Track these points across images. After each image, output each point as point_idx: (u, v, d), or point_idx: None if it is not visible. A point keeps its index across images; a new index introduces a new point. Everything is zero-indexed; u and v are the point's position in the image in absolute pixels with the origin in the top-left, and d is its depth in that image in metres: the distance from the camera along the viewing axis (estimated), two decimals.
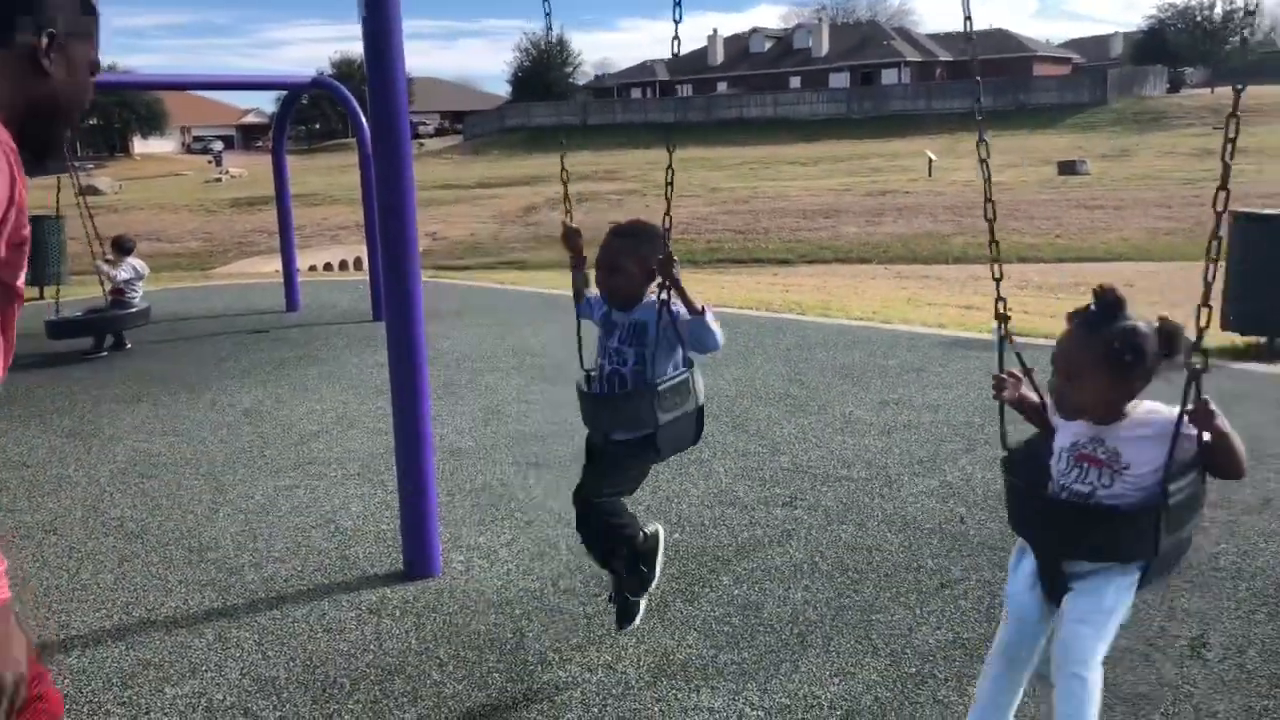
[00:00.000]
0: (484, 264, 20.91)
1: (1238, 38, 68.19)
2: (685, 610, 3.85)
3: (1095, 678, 2.35)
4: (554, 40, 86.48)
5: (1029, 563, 2.58)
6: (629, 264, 3.23)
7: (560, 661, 3.50)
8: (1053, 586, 2.50)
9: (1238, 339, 8.11)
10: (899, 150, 43.66)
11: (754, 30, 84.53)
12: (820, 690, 3.27)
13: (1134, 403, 2.45)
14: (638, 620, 3.46)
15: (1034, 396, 2.73)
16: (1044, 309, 11.28)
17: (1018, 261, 18.98)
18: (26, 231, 1.60)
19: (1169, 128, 46.81)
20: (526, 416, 6.61)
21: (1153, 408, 2.44)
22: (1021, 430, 2.77)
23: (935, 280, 16.15)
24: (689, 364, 3.31)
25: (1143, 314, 2.45)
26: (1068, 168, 32.28)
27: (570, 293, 3.64)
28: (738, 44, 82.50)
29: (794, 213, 25.96)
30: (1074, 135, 46.96)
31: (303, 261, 14.03)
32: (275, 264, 11.48)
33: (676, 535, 4.58)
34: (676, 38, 3.19)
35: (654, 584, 3.44)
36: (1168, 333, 2.42)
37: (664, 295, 3.15)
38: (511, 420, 6.54)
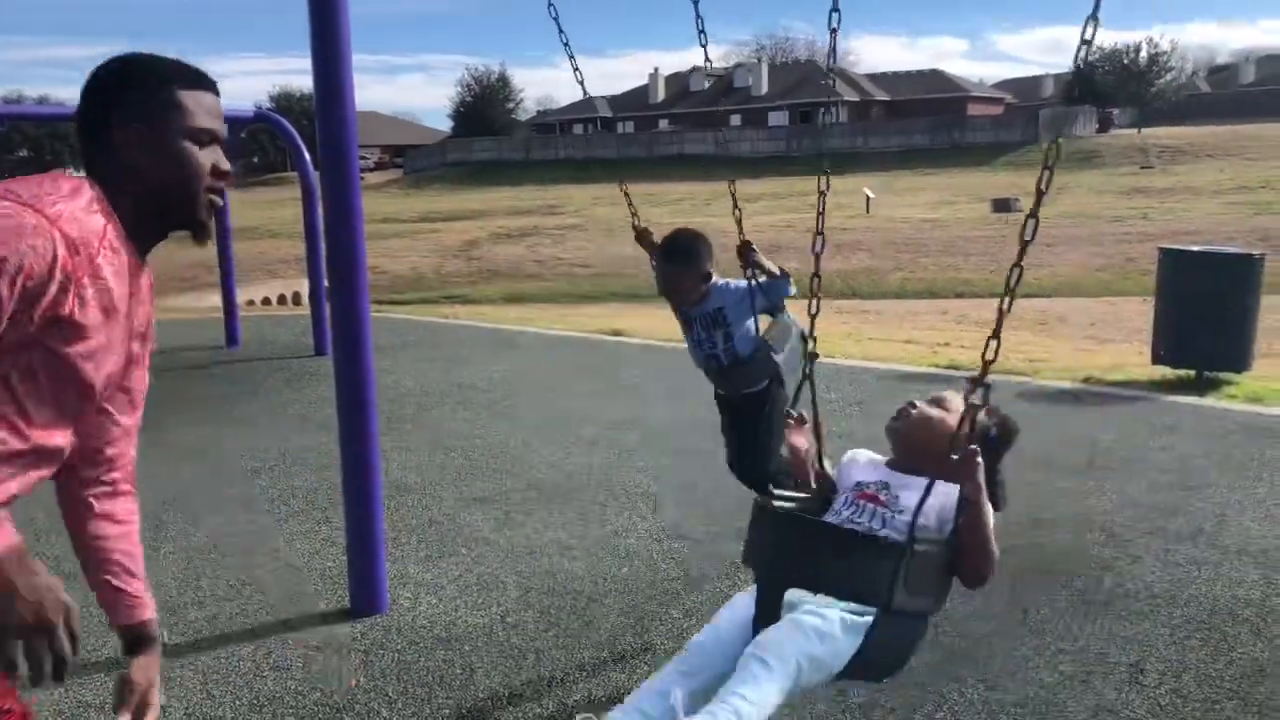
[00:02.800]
0: (426, 298, 20.79)
1: (1163, 80, 70.38)
2: (636, 643, 3.86)
3: (774, 679, 2.23)
4: (495, 78, 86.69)
5: (743, 607, 2.50)
6: (685, 283, 3.82)
7: (510, 697, 3.50)
8: (766, 618, 2.40)
9: (1168, 372, 8.33)
10: (837, 188, 43.61)
11: (694, 69, 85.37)
12: None
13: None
14: None
15: (811, 456, 2.86)
16: (979, 344, 11.43)
17: (954, 297, 19.31)
18: (64, 311, 1.69)
19: (1099, 166, 48.04)
20: (473, 451, 6.59)
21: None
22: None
23: (874, 315, 16.34)
24: (781, 307, 3.87)
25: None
26: (1002, 205, 32.92)
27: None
28: (678, 82, 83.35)
29: (735, 248, 26.19)
30: (1007, 173, 47.97)
31: (242, 296, 13.88)
32: (214, 299, 11.35)
33: (625, 569, 4.60)
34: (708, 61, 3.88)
35: None
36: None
37: (749, 274, 3.74)
38: (458, 455, 6.52)
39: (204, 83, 1.92)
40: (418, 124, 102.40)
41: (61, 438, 1.82)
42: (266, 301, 19.38)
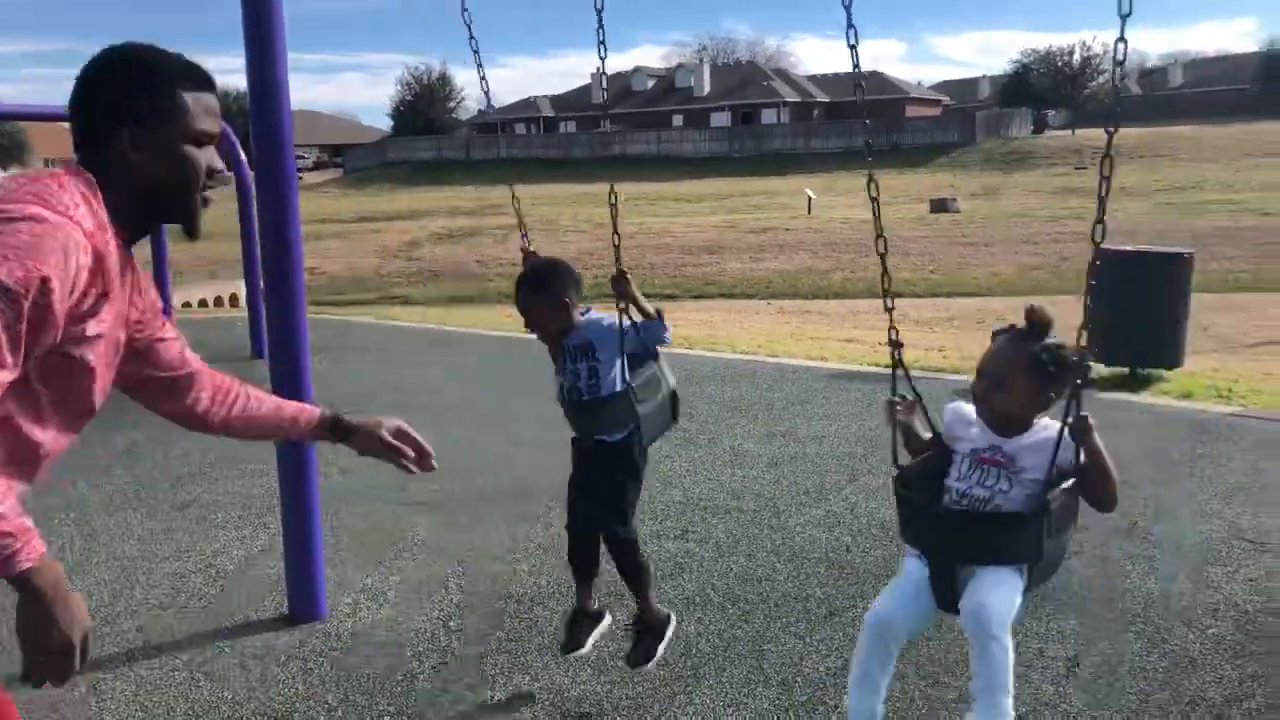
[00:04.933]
0: (365, 299, 20.57)
1: (1095, 82, 71.76)
2: None
3: (1009, 641, 2.57)
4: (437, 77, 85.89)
5: (912, 577, 2.74)
6: (539, 311, 3.49)
7: (452, 702, 3.46)
8: (947, 593, 2.68)
9: (1102, 370, 8.48)
10: (779, 188, 44.57)
11: (636, 69, 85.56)
12: None
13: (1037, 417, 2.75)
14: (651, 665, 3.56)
15: (920, 427, 2.94)
16: (919, 342, 11.61)
17: (893, 296, 19.48)
18: (90, 318, 1.76)
19: (1034, 167, 48.86)
20: None
21: (1046, 422, 2.73)
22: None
23: (817, 315, 16.46)
24: (654, 356, 3.55)
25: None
26: (940, 205, 33.37)
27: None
28: (620, 82, 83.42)
29: (678, 249, 26.21)
30: (945, 174, 48.62)
31: (178, 298, 13.66)
32: None
33: (568, 571, 4.57)
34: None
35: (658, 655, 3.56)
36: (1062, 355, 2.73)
37: (622, 308, 3.43)
38: None
39: (205, 82, 1.92)
40: (357, 123, 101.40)
41: (64, 440, 1.89)
42: (204, 304, 19.04)
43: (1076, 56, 73.67)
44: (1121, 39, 2.50)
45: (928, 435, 2.92)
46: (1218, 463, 6.01)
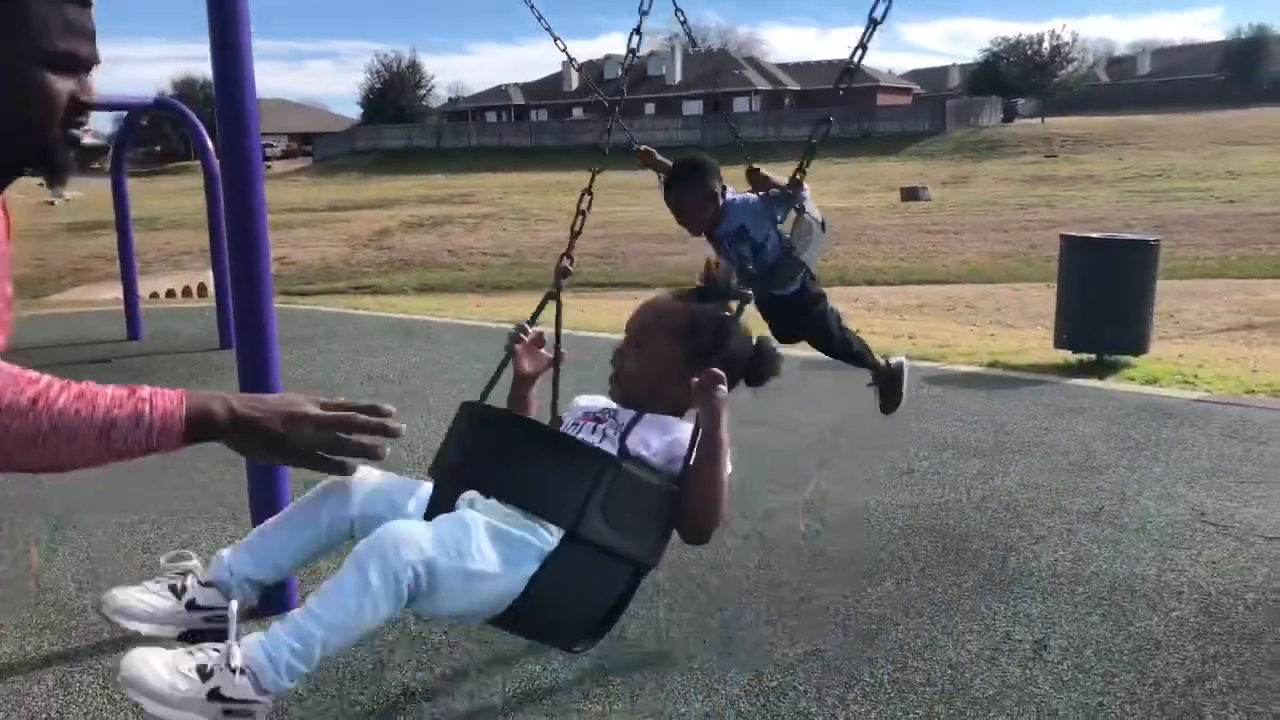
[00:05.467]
0: (335, 289, 20.45)
1: (1065, 71, 72.33)
2: None
3: (383, 602, 1.72)
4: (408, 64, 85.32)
5: (419, 487, 2.05)
6: (693, 205, 4.04)
7: (424, 691, 3.46)
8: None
9: (1070, 356, 8.56)
10: None
11: (608, 57, 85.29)
12: (685, 707, 3.31)
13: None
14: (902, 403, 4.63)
15: (533, 396, 2.43)
16: (889, 329, 11.68)
17: (864, 284, 19.59)
18: None
19: (1004, 155, 49.13)
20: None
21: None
22: None
23: None
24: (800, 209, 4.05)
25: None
26: (910, 194, 33.53)
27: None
28: (592, 70, 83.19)
29: (652, 238, 26.17)
30: (916, 162, 48.82)
31: (145, 288, 13.51)
32: (115, 291, 11.03)
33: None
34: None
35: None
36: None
37: (764, 193, 3.90)
38: None
39: None
40: (326, 111, 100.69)
41: None
42: (171, 294, 18.86)
43: (1046, 45, 74.11)
44: (862, 46, 2.32)
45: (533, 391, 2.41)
46: (1182, 447, 6.09)
